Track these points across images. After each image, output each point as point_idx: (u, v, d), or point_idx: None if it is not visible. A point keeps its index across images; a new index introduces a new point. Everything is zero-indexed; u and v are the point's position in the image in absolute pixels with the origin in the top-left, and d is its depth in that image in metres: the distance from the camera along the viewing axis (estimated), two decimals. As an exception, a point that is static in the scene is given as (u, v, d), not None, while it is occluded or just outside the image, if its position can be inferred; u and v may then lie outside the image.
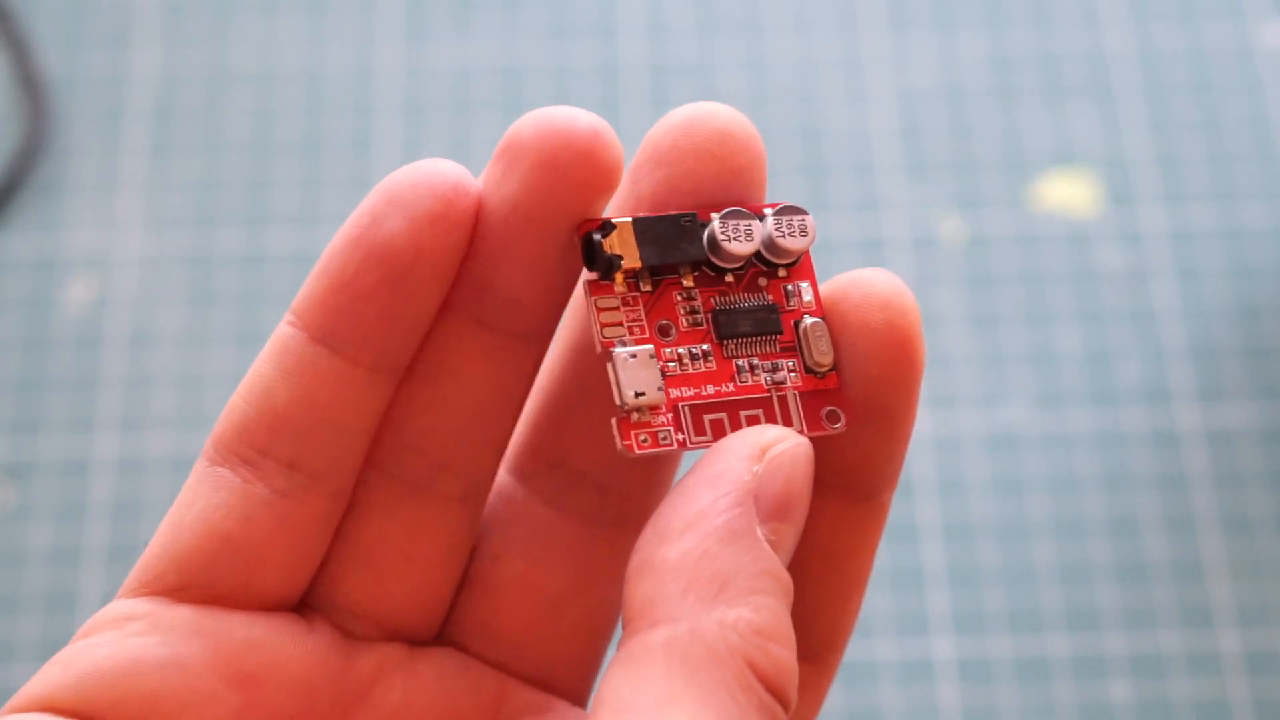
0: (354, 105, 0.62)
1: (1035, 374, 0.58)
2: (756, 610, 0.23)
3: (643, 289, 0.26)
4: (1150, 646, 0.54)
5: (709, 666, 0.23)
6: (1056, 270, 0.60)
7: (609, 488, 0.28)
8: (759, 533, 0.24)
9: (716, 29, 0.64)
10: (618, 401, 0.25)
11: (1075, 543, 0.55)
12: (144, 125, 0.62)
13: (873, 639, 0.54)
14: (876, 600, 0.55)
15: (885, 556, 0.55)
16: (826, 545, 0.27)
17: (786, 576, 0.24)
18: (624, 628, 0.24)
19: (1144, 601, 0.54)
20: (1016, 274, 0.60)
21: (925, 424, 0.57)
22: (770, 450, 0.25)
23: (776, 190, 0.63)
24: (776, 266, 0.27)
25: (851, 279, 0.27)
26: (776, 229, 0.27)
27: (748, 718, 0.23)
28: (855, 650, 0.54)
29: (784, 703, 0.24)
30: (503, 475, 0.29)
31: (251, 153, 0.61)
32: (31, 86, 0.62)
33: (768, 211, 0.27)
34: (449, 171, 0.26)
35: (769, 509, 0.24)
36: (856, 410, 0.26)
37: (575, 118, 0.25)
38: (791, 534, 0.25)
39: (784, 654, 0.24)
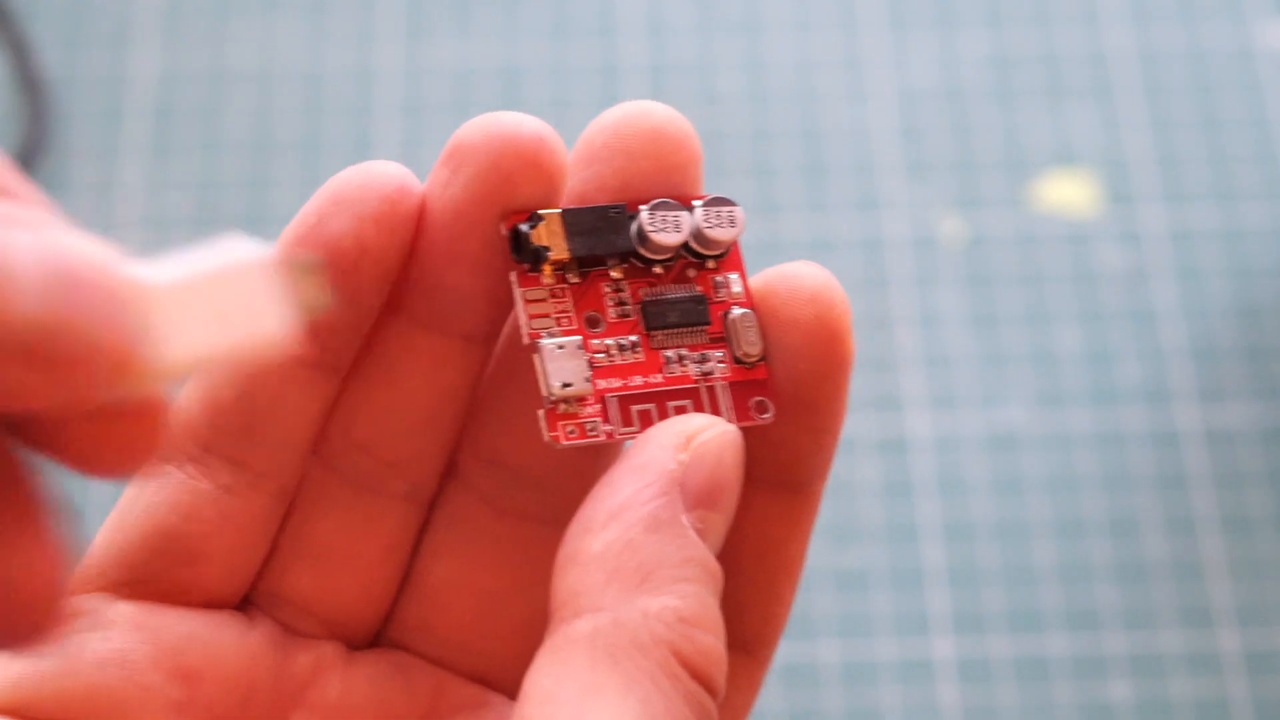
0: (354, 105, 0.62)
1: (1035, 374, 0.58)
2: (681, 598, 0.23)
3: (570, 281, 0.26)
4: (1150, 646, 0.54)
5: (632, 655, 0.23)
6: (1056, 270, 0.60)
7: (547, 485, 0.28)
8: (684, 521, 0.24)
9: (716, 29, 0.64)
10: (544, 392, 0.25)
11: (1075, 543, 0.55)
12: (144, 125, 0.62)
13: (873, 639, 0.54)
14: (876, 600, 0.55)
15: (885, 556, 0.55)
16: (756, 537, 0.27)
17: (714, 564, 0.24)
18: (550, 619, 0.24)
19: (1144, 601, 0.54)
20: (1016, 274, 0.60)
21: (925, 424, 0.57)
22: (696, 438, 0.25)
23: (777, 190, 0.63)
24: (705, 258, 0.27)
25: (780, 272, 0.26)
26: (705, 220, 0.26)
27: (673, 706, 0.23)
28: (855, 650, 0.54)
29: (712, 691, 0.24)
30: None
31: (251, 153, 0.62)
32: (31, 86, 0.62)
33: (697, 203, 0.27)
34: (394, 173, 0.26)
35: (695, 497, 0.24)
36: (785, 403, 0.26)
37: (521, 123, 0.26)
38: (720, 522, 0.25)
39: (710, 641, 0.24)
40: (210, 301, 0.22)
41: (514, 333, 0.28)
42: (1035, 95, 0.63)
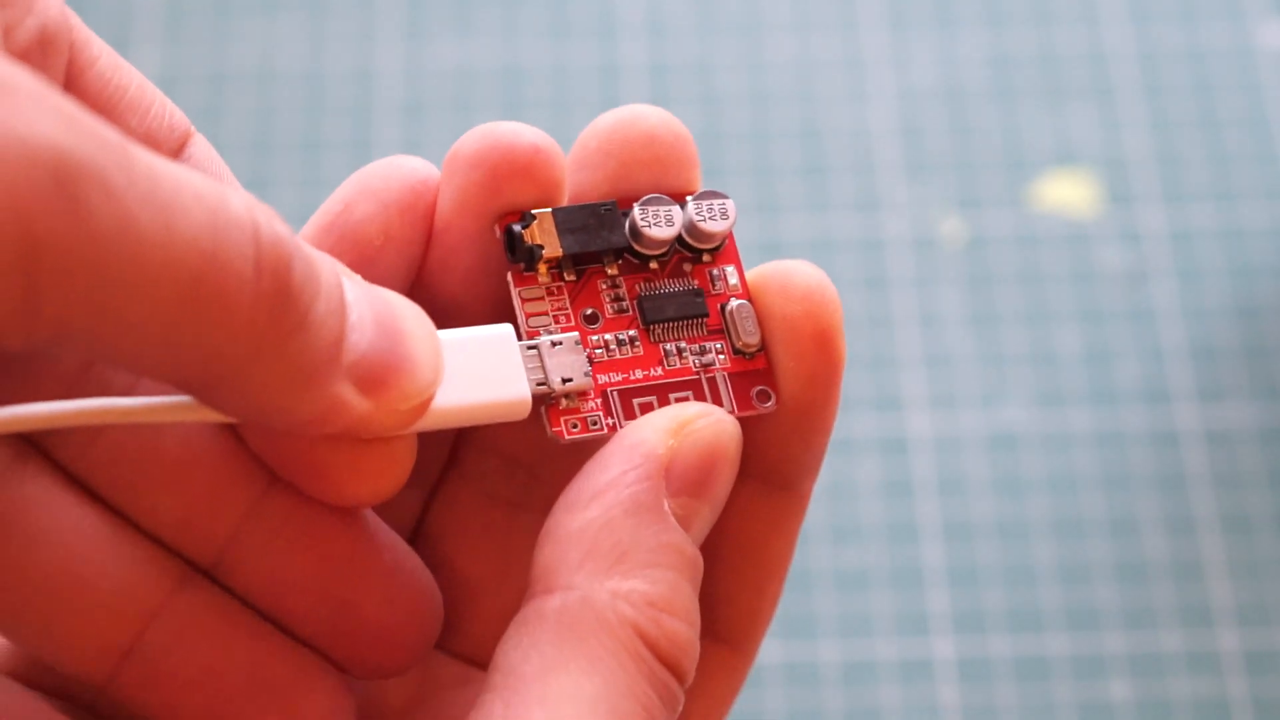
0: (354, 105, 0.62)
1: (1035, 374, 0.58)
2: (653, 583, 0.24)
3: (566, 279, 0.27)
4: (1150, 646, 0.54)
5: (598, 634, 0.23)
6: (1056, 270, 0.60)
7: (539, 474, 0.28)
8: (666, 506, 0.24)
9: (716, 29, 0.64)
10: (544, 389, 0.26)
11: (1075, 542, 0.55)
12: (144, 125, 0.62)
13: (873, 639, 0.54)
14: (876, 600, 0.55)
15: (885, 556, 0.55)
16: (742, 532, 0.27)
17: (693, 552, 0.24)
18: (525, 594, 0.24)
19: (1144, 601, 0.54)
20: (1016, 274, 0.60)
21: (925, 424, 0.57)
22: (689, 425, 0.25)
23: (777, 190, 0.63)
24: (700, 252, 0.27)
25: (773, 270, 0.27)
26: (697, 213, 0.27)
27: (636, 686, 0.23)
28: (855, 650, 0.54)
29: (679, 675, 0.24)
30: None
31: (251, 153, 0.62)
32: (32, 86, 0.62)
33: (689, 198, 0.27)
34: (418, 166, 0.27)
35: (680, 484, 0.24)
36: (777, 400, 0.27)
37: (518, 132, 0.26)
38: (706, 511, 0.25)
39: (679, 627, 0.24)
40: (458, 363, 0.25)
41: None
42: (1035, 95, 0.63)
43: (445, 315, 0.27)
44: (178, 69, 0.63)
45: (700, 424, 0.25)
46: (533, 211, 0.26)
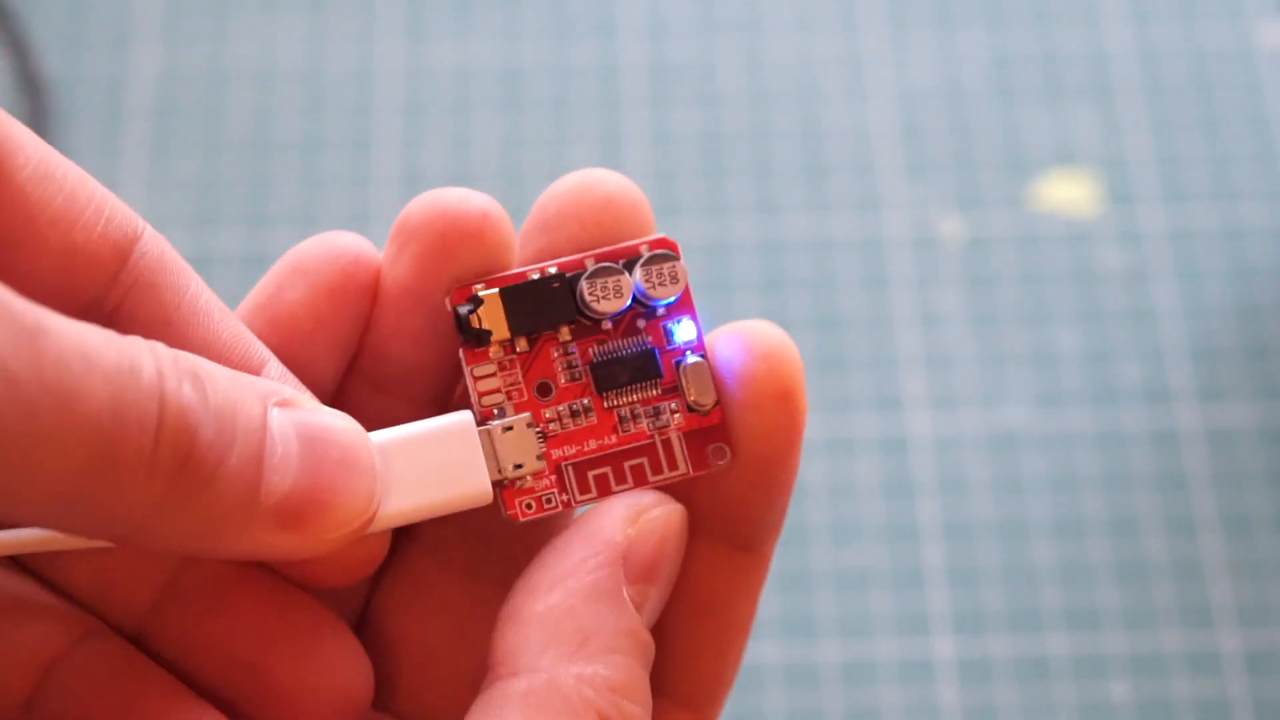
0: (354, 105, 0.62)
1: (1035, 374, 0.58)
2: (614, 669, 0.24)
3: (519, 350, 0.27)
4: (1150, 646, 0.54)
5: (563, 716, 0.24)
6: (1056, 270, 0.60)
7: (493, 545, 0.28)
8: (625, 593, 0.25)
9: (716, 29, 0.64)
10: (495, 476, 0.26)
11: (1075, 542, 0.55)
12: (144, 125, 0.62)
13: (873, 639, 0.54)
14: (876, 600, 0.55)
15: (885, 556, 0.55)
16: (705, 594, 0.27)
17: (646, 637, 0.25)
18: (487, 675, 0.25)
19: (1144, 601, 0.54)
20: (1016, 274, 0.60)
21: (925, 424, 0.57)
22: (644, 515, 0.26)
23: (777, 190, 0.63)
24: (655, 307, 0.27)
25: (735, 329, 0.27)
26: (645, 279, 0.27)
27: None
28: (855, 650, 0.54)
29: None
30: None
31: (251, 152, 0.62)
32: (32, 86, 0.62)
33: (640, 256, 0.27)
34: (350, 244, 0.27)
35: (637, 571, 0.25)
36: (738, 460, 0.27)
37: (465, 200, 0.26)
38: (656, 596, 0.26)
39: (636, 711, 0.24)
40: (416, 459, 0.25)
41: (465, 393, 0.28)
42: (1035, 95, 0.63)
43: (399, 377, 0.27)
44: (178, 69, 0.63)
45: (655, 514, 0.26)
46: (480, 294, 0.26)
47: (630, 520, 0.25)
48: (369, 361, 0.27)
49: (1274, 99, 0.63)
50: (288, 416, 0.23)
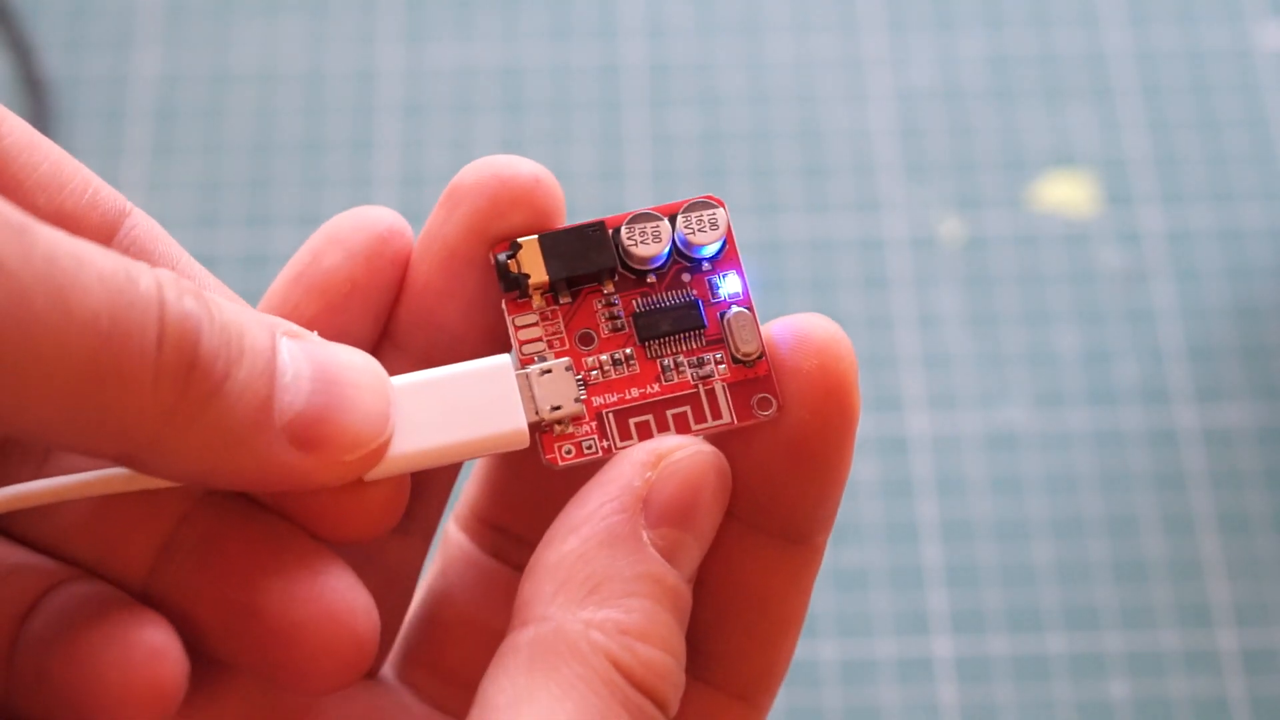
0: (354, 105, 0.63)
1: (1034, 374, 0.58)
2: (627, 611, 0.24)
3: (561, 301, 0.27)
4: (1149, 645, 0.54)
5: (569, 663, 0.23)
6: (1055, 270, 0.60)
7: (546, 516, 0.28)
8: (644, 537, 0.25)
9: (716, 29, 0.64)
10: (532, 418, 0.26)
11: (1074, 542, 0.55)
12: (145, 126, 0.62)
13: (873, 638, 0.54)
14: (876, 599, 0.55)
15: (885, 556, 0.55)
16: (757, 587, 0.27)
17: (675, 581, 0.25)
18: (507, 629, 0.25)
19: (1142, 601, 0.55)
20: (1016, 274, 0.60)
21: (925, 424, 0.57)
22: (668, 457, 0.25)
23: (777, 190, 0.63)
24: (700, 260, 0.27)
25: (789, 322, 0.27)
26: (685, 225, 0.27)
27: (610, 712, 0.23)
28: (855, 649, 0.54)
29: (659, 703, 0.24)
30: (453, 529, 0.30)
31: (252, 153, 0.62)
32: (33, 87, 0.62)
33: (681, 210, 0.27)
34: (385, 215, 0.27)
35: (659, 514, 0.25)
36: (791, 453, 0.27)
37: (516, 163, 0.27)
38: (690, 541, 0.25)
39: (655, 655, 0.24)
40: (450, 400, 0.25)
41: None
42: (1035, 95, 0.63)
43: (450, 342, 0.27)
44: (178, 69, 0.63)
45: (679, 455, 0.25)
46: (519, 240, 0.26)
47: (649, 464, 0.25)
48: (416, 333, 0.27)
49: (1273, 99, 0.63)
50: (297, 344, 0.23)
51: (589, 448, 0.26)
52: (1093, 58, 0.64)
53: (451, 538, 0.29)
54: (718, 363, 0.27)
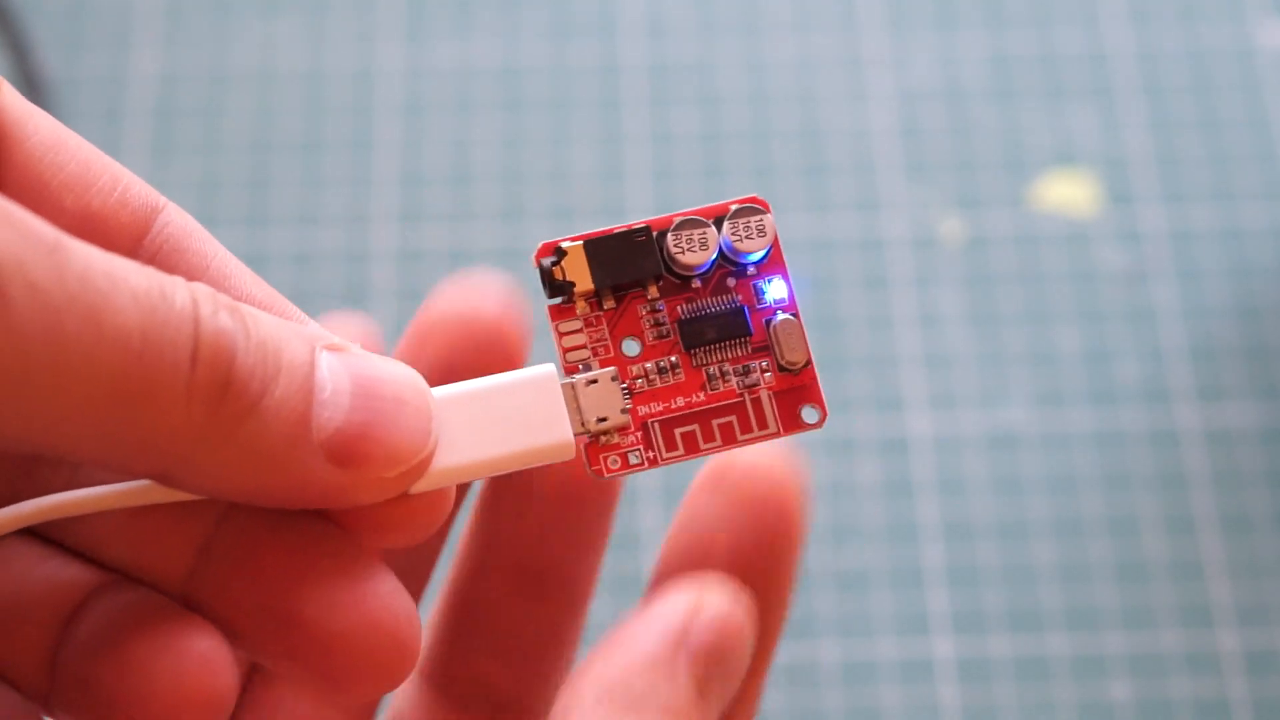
0: (354, 105, 0.62)
1: (1035, 374, 0.58)
2: None
3: (605, 307, 0.26)
4: (1150, 646, 0.54)
5: None
6: (1056, 270, 0.60)
7: (505, 701, 0.29)
8: (682, 667, 0.26)
9: (716, 29, 0.64)
10: (578, 429, 0.25)
11: (1075, 542, 0.55)
12: (144, 125, 0.62)
13: (873, 639, 0.54)
14: (876, 600, 0.55)
15: (885, 556, 0.55)
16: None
17: (702, 714, 0.26)
18: None
19: (1143, 601, 0.54)
20: (1016, 274, 0.60)
21: (925, 424, 0.57)
22: (705, 605, 0.27)
23: (777, 190, 0.63)
24: (745, 265, 0.27)
25: (720, 473, 0.28)
26: (733, 233, 0.26)
27: None
28: (855, 650, 0.54)
29: None
30: (413, 678, 0.30)
31: (252, 153, 0.62)
32: (32, 87, 0.62)
33: (727, 215, 0.26)
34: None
35: (697, 652, 0.26)
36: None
37: (481, 307, 0.28)
38: (720, 684, 0.26)
39: None
40: (494, 411, 0.25)
41: (480, 555, 0.30)
42: (1035, 95, 0.63)
43: None
44: (178, 69, 0.63)
45: (714, 606, 0.27)
46: (563, 245, 0.26)
47: (694, 610, 0.26)
48: None
49: (1274, 99, 0.63)
50: (337, 358, 0.23)
51: (635, 459, 0.26)
52: (1094, 57, 0.64)
53: (410, 691, 0.30)
54: (763, 370, 0.26)
